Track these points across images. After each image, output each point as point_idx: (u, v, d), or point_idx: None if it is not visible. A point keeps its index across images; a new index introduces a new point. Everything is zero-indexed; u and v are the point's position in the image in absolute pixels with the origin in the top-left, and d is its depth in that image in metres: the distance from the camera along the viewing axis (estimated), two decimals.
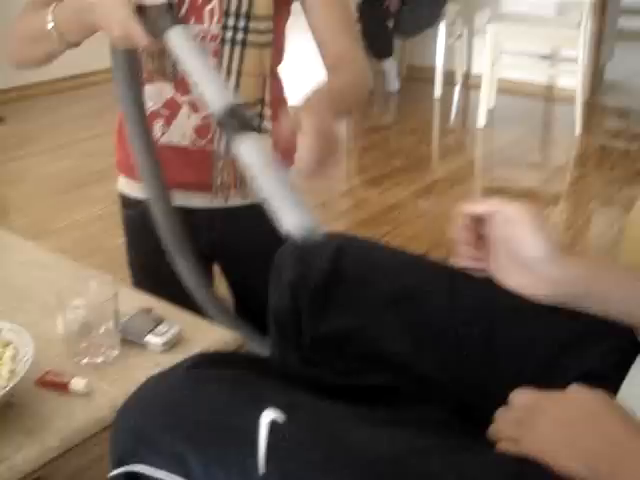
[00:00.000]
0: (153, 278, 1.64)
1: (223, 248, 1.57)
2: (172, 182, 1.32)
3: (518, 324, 0.91)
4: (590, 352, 0.85)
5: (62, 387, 1.03)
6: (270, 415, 0.71)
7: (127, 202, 1.63)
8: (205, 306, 1.32)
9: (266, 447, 0.69)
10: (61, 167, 3.73)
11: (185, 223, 1.30)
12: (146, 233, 1.65)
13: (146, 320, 1.16)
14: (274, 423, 0.71)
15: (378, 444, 0.71)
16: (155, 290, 1.33)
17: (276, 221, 0.86)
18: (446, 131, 4.61)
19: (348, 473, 0.67)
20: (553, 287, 0.88)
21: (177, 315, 1.21)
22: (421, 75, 5.36)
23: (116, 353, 1.11)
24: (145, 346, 1.13)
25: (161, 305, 1.25)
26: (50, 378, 1.04)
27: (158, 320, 1.16)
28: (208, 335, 1.17)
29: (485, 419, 0.79)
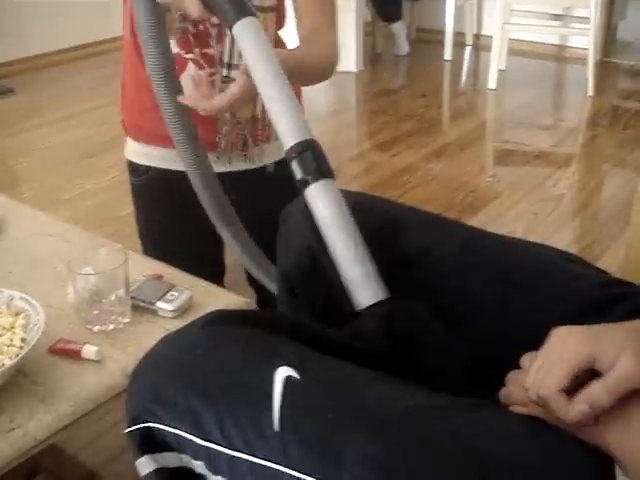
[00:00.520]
0: (163, 247, 1.64)
1: None
2: None
3: (534, 287, 0.90)
4: (609, 317, 0.84)
5: (74, 355, 1.03)
6: (284, 372, 0.71)
7: (135, 169, 1.63)
8: (252, 271, 1.32)
9: (280, 404, 0.69)
10: (70, 137, 3.72)
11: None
12: (154, 202, 1.66)
13: (157, 287, 1.16)
14: (288, 380, 0.70)
15: (394, 401, 0.71)
16: (165, 258, 1.33)
17: (346, 289, 0.88)
18: (457, 93, 4.56)
19: (364, 429, 0.67)
20: None
21: (188, 281, 1.21)
22: (431, 37, 5.29)
23: (127, 320, 1.11)
24: (156, 312, 1.13)
25: (171, 272, 1.25)
26: (62, 346, 1.05)
27: (169, 286, 1.16)
28: (219, 300, 1.17)
29: (498, 384, 0.79)
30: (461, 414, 0.70)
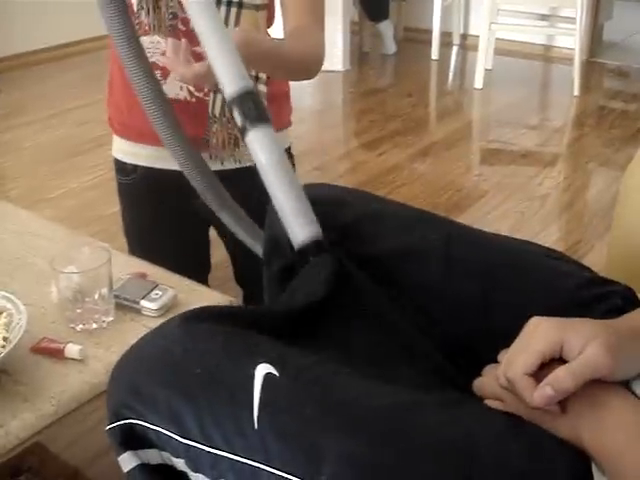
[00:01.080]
0: (148, 246, 1.64)
1: None
2: None
3: (518, 283, 0.90)
4: (592, 314, 0.84)
5: (57, 353, 1.03)
6: (264, 369, 0.71)
7: (122, 168, 1.62)
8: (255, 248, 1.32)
9: (259, 402, 0.69)
10: (55, 136, 3.70)
11: (182, 186, 1.28)
12: (141, 200, 1.65)
13: (140, 285, 1.16)
14: (268, 377, 0.70)
15: (375, 398, 0.71)
16: (151, 257, 1.33)
17: (284, 226, 0.90)
18: (443, 93, 4.57)
19: (344, 426, 0.67)
20: None
21: (172, 280, 1.21)
22: (418, 37, 5.29)
23: (111, 319, 1.11)
24: (140, 311, 1.12)
25: (155, 270, 1.24)
26: (45, 345, 1.04)
27: (153, 285, 1.16)
28: (203, 299, 1.17)
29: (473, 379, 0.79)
30: (442, 410, 0.71)
